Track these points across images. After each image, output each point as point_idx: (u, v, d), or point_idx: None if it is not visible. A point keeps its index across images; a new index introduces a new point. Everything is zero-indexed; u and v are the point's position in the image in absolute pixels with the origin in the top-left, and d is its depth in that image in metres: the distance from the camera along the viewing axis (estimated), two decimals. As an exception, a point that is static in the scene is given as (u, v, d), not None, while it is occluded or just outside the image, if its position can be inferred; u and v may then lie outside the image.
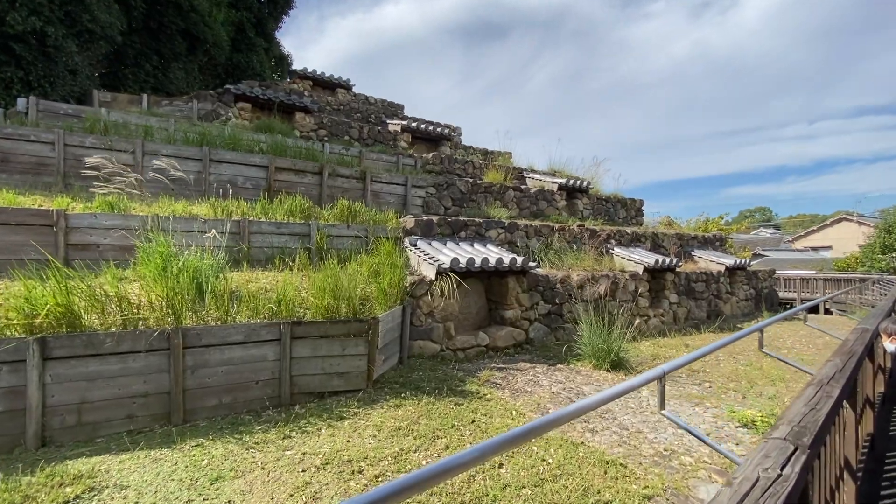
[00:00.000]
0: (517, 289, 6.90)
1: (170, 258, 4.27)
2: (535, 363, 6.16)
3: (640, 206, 13.37)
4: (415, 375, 5.10)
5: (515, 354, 6.64)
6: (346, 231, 6.46)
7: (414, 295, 5.85)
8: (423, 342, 5.89)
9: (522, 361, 6.22)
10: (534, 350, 6.86)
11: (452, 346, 6.14)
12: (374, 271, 5.52)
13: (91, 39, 8.46)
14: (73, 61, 8.25)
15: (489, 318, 7.10)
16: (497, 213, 9.04)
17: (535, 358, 6.48)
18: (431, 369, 5.40)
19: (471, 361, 6.15)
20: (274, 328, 4.12)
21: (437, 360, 5.88)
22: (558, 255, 8.42)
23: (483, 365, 5.94)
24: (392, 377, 4.93)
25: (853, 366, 1.77)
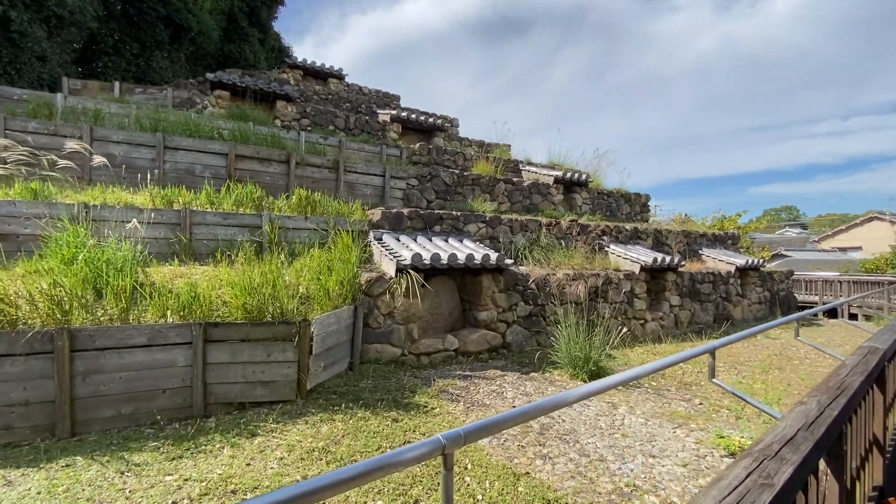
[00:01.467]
0: (493, 288, 6.32)
1: (79, 250, 3.84)
2: (506, 371, 5.59)
3: (646, 201, 12.59)
4: (362, 384, 4.59)
5: (489, 360, 6.08)
6: (304, 223, 5.98)
7: (371, 294, 5.34)
8: (382, 346, 5.38)
9: (494, 368, 5.65)
10: (510, 355, 6.29)
11: (416, 351, 5.61)
12: (327, 267, 5.02)
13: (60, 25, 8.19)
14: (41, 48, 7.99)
15: (463, 319, 6.55)
16: (482, 207, 8.45)
17: (509, 364, 5.90)
18: (384, 377, 4.88)
19: (436, 368, 5.61)
20: (184, 330, 3.64)
21: (396, 367, 5.36)
22: (546, 253, 7.80)
23: (448, 372, 5.39)
24: (334, 386, 4.42)
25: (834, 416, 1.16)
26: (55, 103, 6.78)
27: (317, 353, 4.23)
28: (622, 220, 11.64)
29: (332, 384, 4.46)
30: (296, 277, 4.73)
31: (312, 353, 4.14)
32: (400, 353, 5.50)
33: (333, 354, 4.59)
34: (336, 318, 4.57)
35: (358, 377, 4.79)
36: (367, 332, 5.30)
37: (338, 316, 4.60)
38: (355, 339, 5.00)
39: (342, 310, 4.70)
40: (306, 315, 4.25)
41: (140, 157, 6.39)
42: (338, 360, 4.70)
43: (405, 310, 5.51)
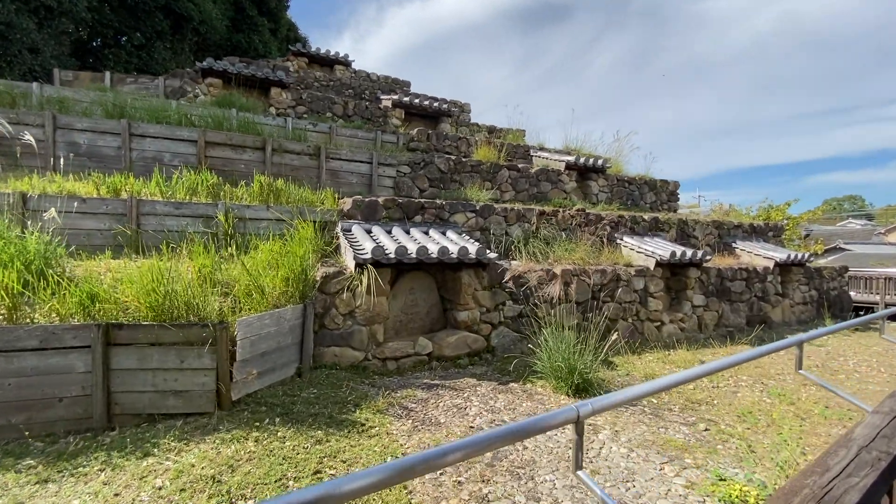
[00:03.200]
0: (474, 285, 5.67)
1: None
2: (483, 379, 4.96)
3: (675, 189, 11.46)
4: (305, 394, 4.10)
5: (468, 366, 5.49)
6: (265, 213, 5.55)
7: (326, 291, 4.84)
8: (341, 349, 4.88)
9: (470, 376, 5.04)
10: (494, 361, 5.65)
11: (380, 355, 5.09)
12: (276, 262, 4.55)
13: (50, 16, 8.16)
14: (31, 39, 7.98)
15: (444, 320, 5.95)
16: (477, 196, 7.78)
17: (489, 372, 5.27)
18: (336, 385, 4.37)
19: (403, 374, 5.07)
20: (82, 332, 3.25)
21: (355, 373, 4.85)
22: (544, 246, 7.05)
23: (414, 380, 4.84)
24: (270, 396, 3.95)
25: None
26: (31, 92, 6.67)
27: (244, 359, 3.76)
28: (645, 209, 10.61)
29: (269, 394, 3.99)
30: (242, 273, 4.28)
31: (237, 360, 3.68)
32: (362, 358, 5.00)
33: (272, 360, 4.12)
34: (275, 318, 4.09)
35: (304, 385, 4.31)
36: (324, 334, 4.82)
37: (277, 316, 4.12)
38: (305, 341, 4.52)
39: (284, 310, 4.21)
40: (231, 316, 3.78)
41: (105, 146, 6.16)
42: (279, 365, 4.23)
43: (367, 309, 4.98)
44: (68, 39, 8.98)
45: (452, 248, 5.36)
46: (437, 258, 5.16)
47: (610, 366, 5.62)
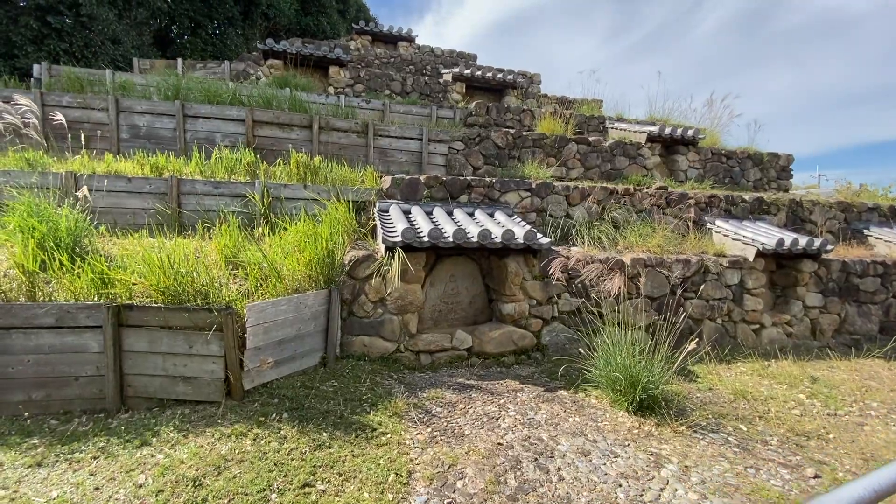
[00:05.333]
0: (522, 274, 5.04)
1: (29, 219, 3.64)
2: (528, 383, 4.38)
3: (786, 164, 9.60)
4: (324, 387, 3.83)
5: (514, 366, 4.94)
6: (302, 192, 5.37)
7: (355, 276, 4.53)
8: (370, 339, 4.58)
9: (513, 378, 4.49)
10: (544, 362, 5.01)
11: (413, 347, 4.71)
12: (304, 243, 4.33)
13: (128, 6, 8.73)
14: (112, 30, 8.61)
15: (488, 312, 5.40)
16: (537, 174, 7.00)
17: (535, 374, 4.66)
18: (359, 379, 4.06)
19: (437, 370, 4.65)
20: (95, 311, 3.20)
21: (385, 366, 4.51)
22: (615, 230, 6.15)
23: (447, 378, 4.41)
24: (286, 387, 3.73)
25: None
26: (104, 79, 7.12)
27: (256, 347, 3.55)
28: (746, 188, 9.00)
29: (285, 384, 3.77)
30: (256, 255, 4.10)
31: (248, 347, 3.46)
32: (393, 350, 4.66)
33: (292, 348, 3.89)
34: (293, 304, 3.83)
35: (327, 376, 4.04)
36: (352, 321, 4.53)
37: (297, 302, 3.86)
38: (330, 329, 4.25)
39: (304, 295, 3.95)
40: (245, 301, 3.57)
41: (162, 127, 6.38)
42: (300, 354, 4.00)
43: (399, 297, 4.59)
44: (148, 30, 9.62)
45: (496, 231, 4.76)
46: (477, 242, 4.60)
47: (688, 376, 4.70)
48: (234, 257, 4.13)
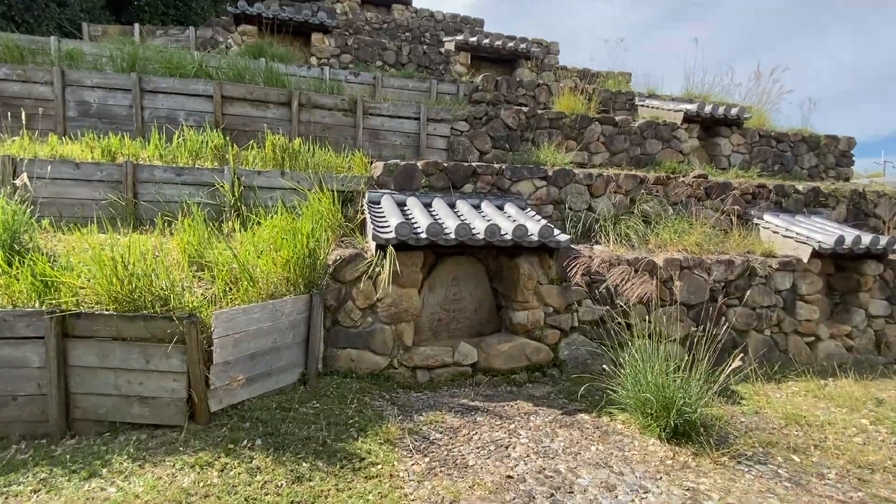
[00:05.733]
0: (537, 277, 5.04)
1: None
2: (541, 404, 4.39)
3: (847, 148, 9.58)
4: (303, 409, 3.83)
5: (526, 384, 4.96)
6: (280, 181, 5.36)
7: (341, 279, 4.52)
8: (358, 352, 4.59)
9: (525, 399, 4.50)
10: (561, 380, 5.03)
11: (409, 362, 4.72)
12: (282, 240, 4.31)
13: (77, -37, 8.69)
14: (59, -9, 8.57)
15: (497, 321, 5.41)
16: (554, 159, 6.97)
17: (551, 394, 4.67)
18: (343, 399, 4.06)
19: (437, 389, 4.67)
20: (36, 320, 3.20)
21: (375, 383, 4.52)
22: (645, 226, 6.14)
23: (449, 398, 4.44)
24: (260, 407, 3.72)
25: None
26: (49, 48, 7.10)
27: (225, 362, 3.55)
28: (800, 177, 8.96)
29: (259, 405, 3.77)
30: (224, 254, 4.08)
31: (214, 362, 3.46)
32: (385, 365, 4.67)
33: (266, 363, 3.89)
34: (268, 311, 3.82)
35: (307, 396, 4.05)
36: (337, 332, 4.53)
37: (272, 309, 3.86)
38: (311, 341, 4.25)
39: (281, 301, 3.94)
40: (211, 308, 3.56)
41: (116, 104, 6.37)
42: (276, 370, 4.00)
43: (392, 303, 4.59)
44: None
45: (506, 226, 4.74)
46: (483, 240, 4.59)
47: (731, 397, 4.70)
48: (199, 257, 4.12)
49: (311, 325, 4.25)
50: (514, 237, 4.65)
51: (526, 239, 4.69)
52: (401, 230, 4.36)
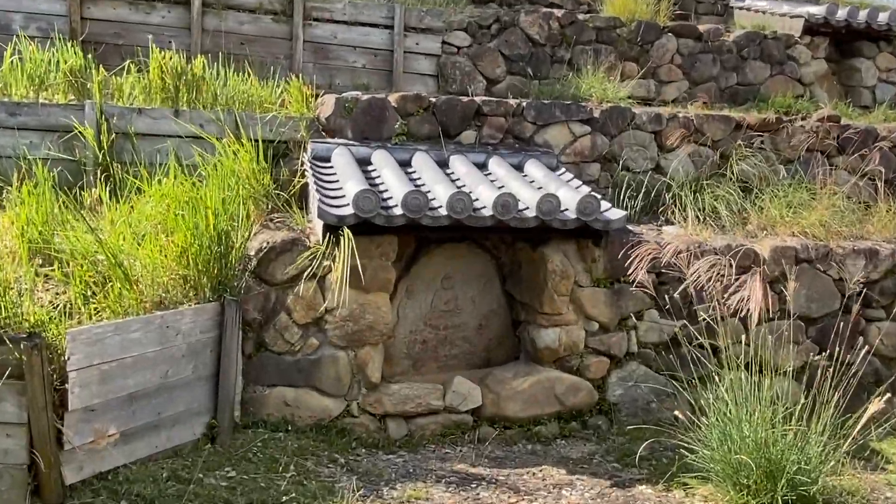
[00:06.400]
0: (573, 276, 5.23)
1: None
2: (579, 472, 4.55)
3: None
4: (210, 480, 3.91)
5: (557, 440, 5.21)
6: (172, 125, 5.47)
7: (271, 279, 4.63)
8: (298, 392, 4.73)
9: (551, 465, 4.65)
10: (611, 433, 5.26)
11: (375, 408, 4.92)
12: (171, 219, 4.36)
13: None
14: None
15: (511, 342, 5.67)
16: (601, 91, 7.00)
17: (595, 457, 4.86)
18: (272, 466, 4.14)
19: (417, 448, 4.85)
20: None
21: (325, 439, 4.66)
22: (746, 196, 6.30)
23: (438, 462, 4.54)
24: (142, 478, 3.78)
25: None
26: None
27: (88, 408, 3.62)
28: None
29: (142, 475, 3.82)
30: (83, 239, 4.13)
31: (71, 407, 3.50)
32: (340, 412, 4.83)
33: (152, 408, 3.97)
34: (155, 328, 3.89)
35: (218, 460, 4.15)
36: (264, 360, 4.64)
37: (161, 325, 3.93)
38: (224, 374, 4.32)
39: (178, 313, 4.02)
40: (59, 325, 3.58)
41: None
42: (168, 420, 4.09)
43: (351, 317, 4.69)
44: None
45: (527, 196, 4.82)
46: (491, 218, 4.64)
47: (871, 460, 4.85)
48: (45, 243, 4.13)
49: (222, 351, 4.28)
50: (540, 214, 4.69)
51: (558, 217, 4.73)
52: (363, 202, 4.38)
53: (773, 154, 6.63)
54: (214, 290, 4.25)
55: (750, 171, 6.45)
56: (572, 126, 6.13)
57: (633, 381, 5.31)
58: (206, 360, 4.23)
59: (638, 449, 4.62)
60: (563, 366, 5.20)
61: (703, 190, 6.21)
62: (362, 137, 5.64)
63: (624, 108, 6.34)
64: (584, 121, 6.17)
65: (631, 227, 5.50)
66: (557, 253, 5.10)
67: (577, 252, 5.20)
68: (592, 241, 5.16)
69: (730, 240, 5.61)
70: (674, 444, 4.42)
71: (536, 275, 5.19)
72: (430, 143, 5.75)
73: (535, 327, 5.21)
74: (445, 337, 5.37)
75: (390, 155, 5.42)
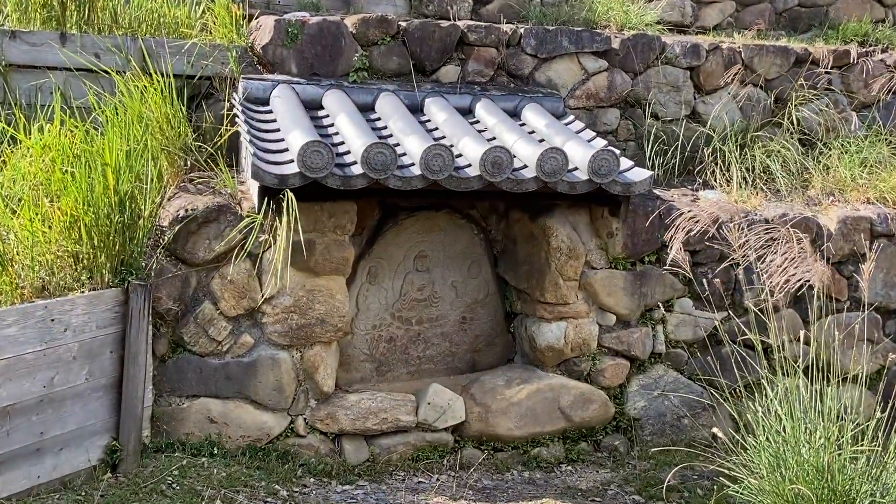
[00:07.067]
0: (583, 254, 5.30)
1: None
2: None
3: None
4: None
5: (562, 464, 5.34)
6: (57, 53, 5.45)
7: (190, 257, 4.64)
8: (227, 405, 4.77)
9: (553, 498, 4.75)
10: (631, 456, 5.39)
11: (327, 425, 5.00)
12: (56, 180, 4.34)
13: None
14: None
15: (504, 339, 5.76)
16: (624, 14, 7.00)
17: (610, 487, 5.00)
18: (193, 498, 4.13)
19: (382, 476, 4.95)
20: None
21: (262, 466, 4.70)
22: (807, 152, 6.35)
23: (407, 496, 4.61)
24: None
25: None
26: None
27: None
28: None
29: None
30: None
31: None
32: (281, 430, 4.91)
33: (33, 427, 3.98)
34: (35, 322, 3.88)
35: (122, 495, 4.13)
36: (182, 363, 4.67)
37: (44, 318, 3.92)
38: (128, 382, 4.33)
39: (66, 301, 4.03)
40: None
41: None
42: (54, 443, 4.10)
43: (296, 307, 4.73)
44: None
45: (525, 151, 4.82)
46: (478, 178, 4.62)
47: None
48: None
49: (126, 352, 4.29)
50: (542, 174, 4.68)
51: (564, 178, 4.74)
52: (311, 158, 4.35)
53: (844, 97, 6.71)
54: (116, 273, 4.23)
55: (813, 119, 6.51)
56: (584, 60, 6.13)
57: (660, 389, 5.38)
58: (105, 365, 4.23)
59: (666, 477, 4.68)
60: (571, 370, 5.27)
61: (753, 144, 6.26)
62: (311, 73, 5.63)
63: (651, 36, 6.35)
64: (600, 53, 6.16)
65: (659, 191, 5.55)
66: (564, 225, 5.15)
67: (588, 224, 5.26)
68: (609, 210, 5.19)
69: (786, 208, 5.66)
70: (711, 470, 4.49)
71: (537, 253, 5.24)
72: (399, 82, 5.75)
73: (534, 321, 5.27)
74: (419, 333, 5.42)
75: (347, 97, 5.41)
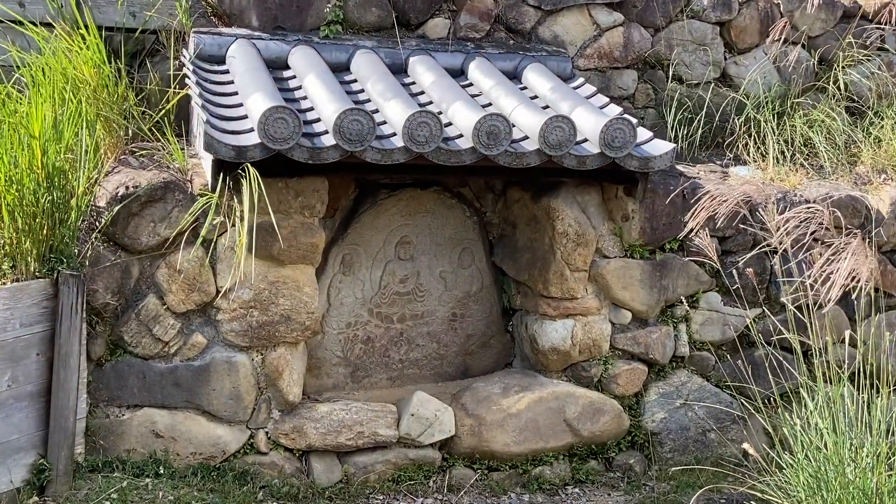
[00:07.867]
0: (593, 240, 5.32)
1: None
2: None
3: None
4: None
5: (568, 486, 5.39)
6: None
7: (132, 244, 4.63)
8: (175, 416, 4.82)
9: None
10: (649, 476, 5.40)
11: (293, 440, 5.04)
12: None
13: None
14: None
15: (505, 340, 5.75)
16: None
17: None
18: None
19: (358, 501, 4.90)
20: None
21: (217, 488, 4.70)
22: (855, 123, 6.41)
23: None
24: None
25: None
26: None
27: None
28: None
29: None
30: None
31: None
32: (239, 446, 4.97)
33: None
34: None
35: None
36: (123, 368, 4.67)
37: None
38: (58, 390, 4.31)
39: None
40: None
41: None
42: None
43: (256, 302, 4.75)
44: None
45: (527, 120, 4.82)
46: (471, 150, 4.60)
47: None
48: None
49: (56, 355, 4.27)
50: (546, 147, 4.67)
51: (572, 151, 4.73)
52: (275, 127, 4.32)
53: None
54: (44, 261, 4.23)
55: (863, 83, 6.51)
56: (595, 13, 6.12)
57: (683, 399, 5.38)
58: (30, 369, 4.23)
59: (689, 501, 4.71)
60: (578, 376, 5.28)
61: (793, 112, 6.25)
62: (275, 27, 5.63)
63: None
64: (615, 4, 6.15)
65: (682, 167, 5.55)
66: (571, 206, 5.14)
67: (600, 205, 5.26)
68: (624, 189, 5.20)
69: (830, 187, 5.66)
70: (741, 493, 4.49)
71: (539, 239, 5.25)
72: (378, 38, 5.74)
73: (536, 319, 5.28)
74: (401, 333, 5.43)
75: (318, 54, 5.40)
